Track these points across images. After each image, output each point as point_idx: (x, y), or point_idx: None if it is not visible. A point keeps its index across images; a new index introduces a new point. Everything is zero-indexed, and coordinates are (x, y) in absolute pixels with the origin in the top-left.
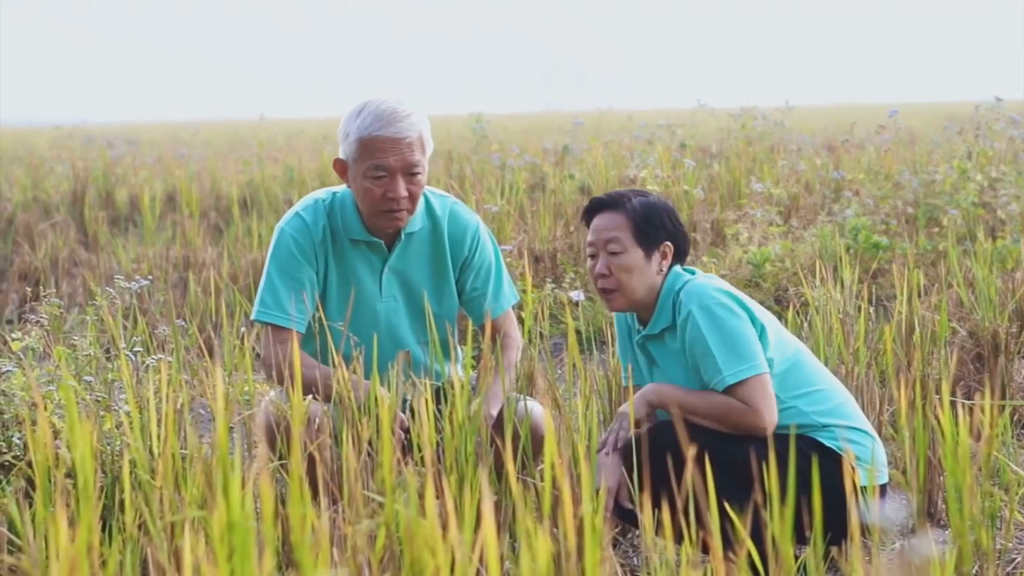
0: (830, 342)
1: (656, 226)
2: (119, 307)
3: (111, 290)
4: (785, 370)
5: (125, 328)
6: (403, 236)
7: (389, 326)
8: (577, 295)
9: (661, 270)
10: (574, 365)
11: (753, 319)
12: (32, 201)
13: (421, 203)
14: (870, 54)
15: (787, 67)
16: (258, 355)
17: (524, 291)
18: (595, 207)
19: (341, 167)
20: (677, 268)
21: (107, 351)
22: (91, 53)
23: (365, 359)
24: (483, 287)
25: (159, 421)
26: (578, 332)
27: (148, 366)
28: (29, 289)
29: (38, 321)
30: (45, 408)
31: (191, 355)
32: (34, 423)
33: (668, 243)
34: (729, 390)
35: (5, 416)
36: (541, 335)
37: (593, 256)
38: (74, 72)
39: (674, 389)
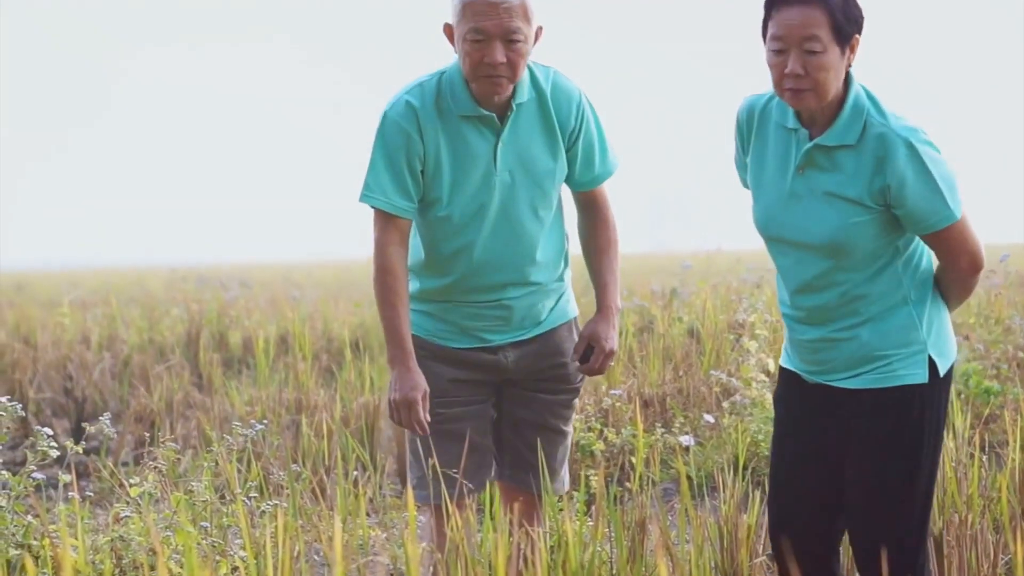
0: (944, 490)
1: (852, 19)
2: (234, 451)
3: (228, 437)
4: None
5: (239, 472)
6: (514, 107)
7: (503, 201)
8: (687, 440)
9: (848, 66)
10: (686, 512)
11: None
12: (148, 343)
13: (526, 75)
14: (978, 192)
15: None
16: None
17: (635, 435)
18: None
19: (450, 32)
20: (853, 78)
21: (222, 495)
22: (204, 195)
23: (477, 257)
24: (589, 156)
25: (275, 567)
26: (689, 478)
27: (264, 511)
28: (147, 434)
29: (156, 467)
30: (163, 554)
31: (304, 499)
32: (152, 568)
33: (857, 36)
34: (951, 227)
35: (124, 561)
36: (652, 481)
37: (780, 52)
38: (188, 213)
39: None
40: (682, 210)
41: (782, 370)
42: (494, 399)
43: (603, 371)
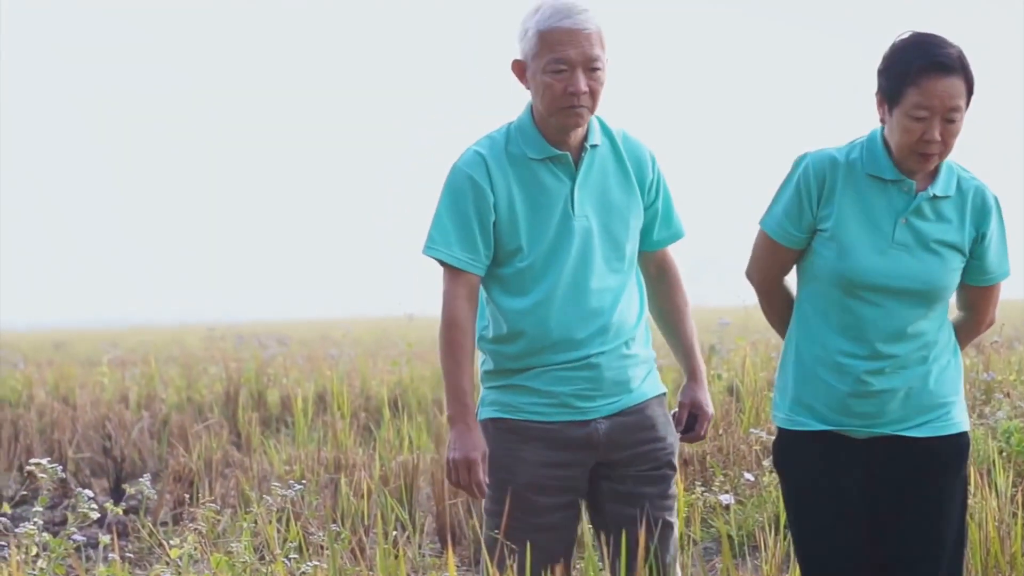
0: (987, 550)
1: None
2: (273, 511)
3: (267, 497)
4: None
5: (279, 532)
6: (588, 148)
7: (583, 246)
8: (728, 499)
9: None
10: (728, 572)
11: None
12: (186, 402)
13: (596, 122)
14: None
15: None
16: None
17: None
18: (941, 68)
19: (520, 68)
20: None
21: (261, 556)
22: (241, 252)
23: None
24: (668, 213)
25: None
26: (730, 537)
27: (304, 572)
28: (186, 493)
29: (196, 529)
30: None
31: (344, 560)
32: None
33: None
34: (1001, 281)
35: None
36: (693, 540)
37: (921, 119)
38: (227, 271)
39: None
40: (719, 265)
41: (803, 435)
42: (585, 501)
43: (705, 437)
